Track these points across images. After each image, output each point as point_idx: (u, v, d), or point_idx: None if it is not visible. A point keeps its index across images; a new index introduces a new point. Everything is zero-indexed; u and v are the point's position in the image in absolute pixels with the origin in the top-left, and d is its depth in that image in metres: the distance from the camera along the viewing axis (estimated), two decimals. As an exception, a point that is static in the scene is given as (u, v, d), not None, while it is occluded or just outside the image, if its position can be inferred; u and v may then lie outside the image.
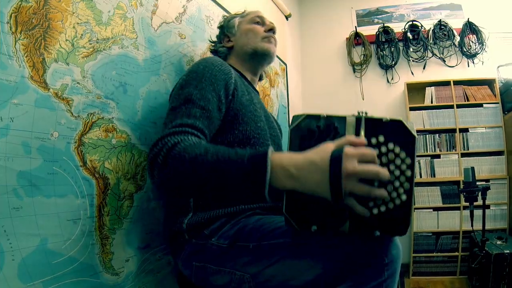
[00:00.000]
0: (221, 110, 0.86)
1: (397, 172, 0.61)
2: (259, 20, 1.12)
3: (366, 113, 0.64)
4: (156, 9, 1.08)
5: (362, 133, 0.62)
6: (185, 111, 0.78)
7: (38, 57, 0.71)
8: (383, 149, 0.62)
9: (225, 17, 1.20)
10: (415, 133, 0.61)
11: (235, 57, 1.12)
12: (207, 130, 0.80)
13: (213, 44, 1.20)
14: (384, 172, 0.57)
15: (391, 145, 0.61)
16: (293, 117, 0.66)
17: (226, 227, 0.81)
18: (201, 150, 0.66)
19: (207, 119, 0.80)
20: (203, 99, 0.81)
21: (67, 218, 0.75)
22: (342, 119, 0.64)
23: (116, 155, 0.89)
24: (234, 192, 0.68)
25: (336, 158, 0.57)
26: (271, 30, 1.11)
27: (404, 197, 0.61)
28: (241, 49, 1.09)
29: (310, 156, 0.60)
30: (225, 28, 1.15)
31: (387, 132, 0.62)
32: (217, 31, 1.21)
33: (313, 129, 0.64)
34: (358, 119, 0.63)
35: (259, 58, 1.09)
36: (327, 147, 0.60)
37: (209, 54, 1.36)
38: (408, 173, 0.61)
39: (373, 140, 0.62)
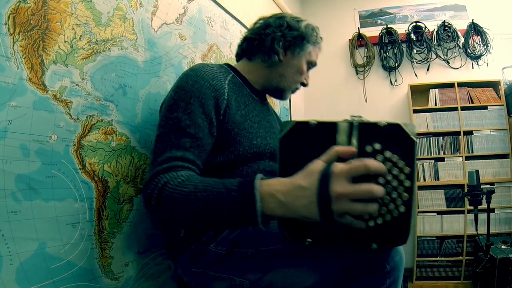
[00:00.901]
0: (213, 133, 0.80)
1: (394, 183, 0.56)
2: (312, 66, 1.03)
3: (360, 117, 0.58)
4: (156, 10, 1.07)
5: (354, 141, 0.57)
6: (174, 141, 0.74)
7: (37, 58, 0.70)
8: (379, 158, 0.56)
9: (310, 26, 0.98)
10: (415, 138, 0.55)
11: (266, 70, 0.97)
12: (198, 160, 0.76)
13: (272, 31, 0.94)
14: (378, 189, 0.52)
15: (388, 154, 0.56)
16: (283, 123, 0.61)
17: (224, 233, 0.80)
18: (191, 188, 0.65)
19: (197, 148, 0.76)
20: (193, 125, 0.75)
21: (66, 222, 0.74)
22: (333, 125, 0.58)
23: (115, 158, 0.88)
24: (229, 226, 0.66)
25: (324, 180, 0.52)
26: (305, 85, 1.05)
27: (402, 208, 0.56)
28: (277, 76, 0.97)
29: (297, 180, 0.56)
30: (300, 39, 0.95)
31: (383, 139, 0.56)
32: (218, 32, 1.17)
33: (303, 138, 0.59)
34: (351, 124, 0.57)
35: (272, 94, 1.04)
36: (315, 167, 0.55)
37: (209, 55, 1.35)
38: (407, 183, 0.56)
39: (368, 148, 0.56)
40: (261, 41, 0.95)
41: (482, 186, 1.88)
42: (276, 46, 0.93)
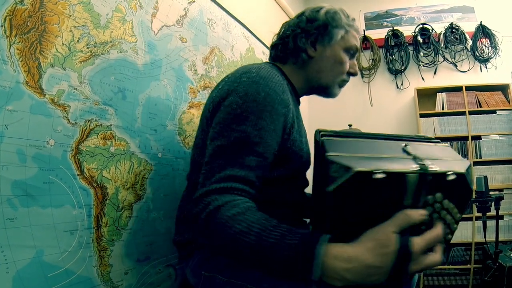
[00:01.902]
0: (276, 152, 0.75)
1: (445, 229, 0.56)
2: (353, 52, 0.93)
3: (427, 167, 0.52)
4: (156, 12, 1.06)
5: (421, 193, 0.53)
6: (239, 158, 0.67)
7: (34, 61, 0.70)
8: (437, 206, 0.55)
9: (331, 11, 0.91)
10: (472, 186, 0.56)
11: (302, 71, 0.92)
12: (259, 181, 0.70)
13: (291, 30, 0.90)
14: (440, 261, 0.54)
15: (446, 203, 0.55)
16: (328, 159, 0.52)
17: None
18: (244, 226, 0.58)
19: (262, 168, 0.70)
20: (262, 144, 0.69)
21: (64, 229, 0.73)
22: (401, 176, 0.51)
23: (114, 163, 0.87)
24: (276, 276, 0.61)
25: (402, 260, 0.50)
26: (354, 75, 0.95)
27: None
28: (314, 74, 0.91)
29: (368, 258, 0.52)
30: (324, 28, 0.88)
31: (446, 188, 0.54)
32: (219, 35, 1.15)
33: (362, 190, 0.51)
34: (422, 176, 0.52)
35: (319, 93, 0.96)
36: (389, 242, 0.51)
37: (211, 58, 1.34)
38: (455, 227, 0.56)
39: (430, 199, 0.54)
40: (284, 43, 0.91)
41: (490, 193, 1.85)
42: (299, 43, 0.88)
